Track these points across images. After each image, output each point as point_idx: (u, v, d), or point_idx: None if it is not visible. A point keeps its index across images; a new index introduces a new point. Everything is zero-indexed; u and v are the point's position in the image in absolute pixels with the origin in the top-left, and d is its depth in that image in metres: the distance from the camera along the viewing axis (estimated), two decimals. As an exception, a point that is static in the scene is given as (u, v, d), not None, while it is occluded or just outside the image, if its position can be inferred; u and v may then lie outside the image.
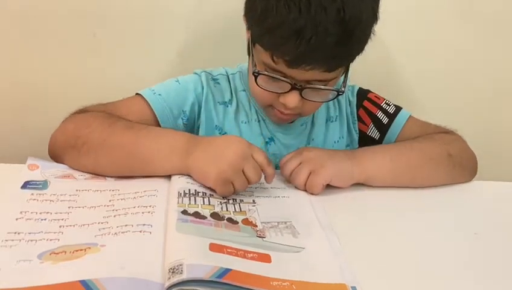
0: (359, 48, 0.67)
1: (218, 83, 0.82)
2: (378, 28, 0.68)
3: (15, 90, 0.97)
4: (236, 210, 0.60)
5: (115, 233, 0.52)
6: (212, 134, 0.79)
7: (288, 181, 0.70)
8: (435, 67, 1.06)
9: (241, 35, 0.75)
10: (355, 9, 0.61)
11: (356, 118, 0.84)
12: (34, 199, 0.58)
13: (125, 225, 0.53)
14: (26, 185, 0.61)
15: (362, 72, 0.82)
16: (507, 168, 1.06)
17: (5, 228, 0.51)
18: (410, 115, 0.83)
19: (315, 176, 0.68)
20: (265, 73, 0.68)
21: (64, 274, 0.44)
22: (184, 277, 0.43)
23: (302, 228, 0.57)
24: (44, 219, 0.54)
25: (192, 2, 0.96)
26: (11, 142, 0.97)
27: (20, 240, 0.49)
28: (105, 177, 0.65)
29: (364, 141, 0.84)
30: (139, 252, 0.48)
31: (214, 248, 0.49)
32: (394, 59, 1.05)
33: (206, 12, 0.96)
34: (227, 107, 0.81)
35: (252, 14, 0.68)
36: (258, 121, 0.81)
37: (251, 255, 0.50)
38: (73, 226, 0.53)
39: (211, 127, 0.79)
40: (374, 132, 0.83)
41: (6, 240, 0.49)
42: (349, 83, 0.84)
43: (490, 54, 1.06)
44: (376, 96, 0.85)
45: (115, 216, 0.55)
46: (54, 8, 0.92)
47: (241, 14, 0.71)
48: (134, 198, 0.60)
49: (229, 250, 0.49)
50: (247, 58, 0.74)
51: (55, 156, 0.69)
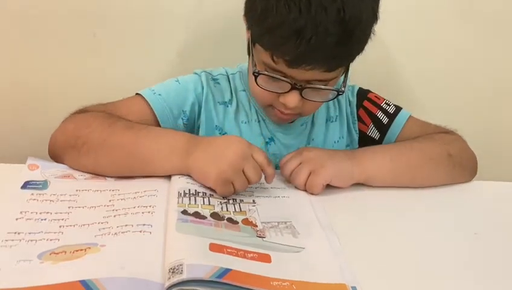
0: (359, 48, 0.67)
1: (218, 83, 0.82)
2: (378, 28, 0.68)
3: (15, 90, 0.97)
4: (237, 210, 0.60)
5: (115, 233, 0.52)
6: (212, 134, 0.79)
7: (288, 181, 0.70)
8: (435, 67, 1.06)
9: (241, 35, 0.75)
10: (355, 9, 0.61)
11: (356, 118, 0.84)
12: (34, 199, 0.58)
13: (125, 225, 0.53)
14: (26, 185, 0.61)
15: (362, 72, 0.82)
16: (507, 168, 1.06)
17: (5, 228, 0.51)
18: (410, 115, 0.83)
19: (315, 176, 0.68)
20: (265, 73, 0.68)
21: (64, 274, 0.44)
22: (184, 277, 0.43)
23: (302, 228, 0.57)
24: (44, 219, 0.54)
25: (192, 2, 0.96)
26: (11, 142, 0.97)
27: (20, 240, 0.49)
28: (105, 177, 0.65)
29: (364, 141, 0.84)
30: (139, 252, 0.48)
31: (214, 248, 0.49)
32: (394, 59, 1.05)
33: (206, 12, 0.96)
34: (227, 107, 0.81)
35: (252, 14, 0.68)
36: (258, 121, 0.81)
37: (251, 255, 0.50)
38: (73, 226, 0.53)
39: (211, 127, 0.79)
40: (374, 132, 0.83)
41: (6, 240, 0.49)
42: (349, 83, 0.84)
43: (490, 53, 1.06)
44: (376, 96, 0.85)
45: (115, 216, 0.55)
46: (54, 8, 0.92)
47: (241, 14, 0.71)
48: (134, 198, 0.60)
49: (229, 250, 0.49)
50: (247, 58, 0.74)
51: (55, 156, 0.69)
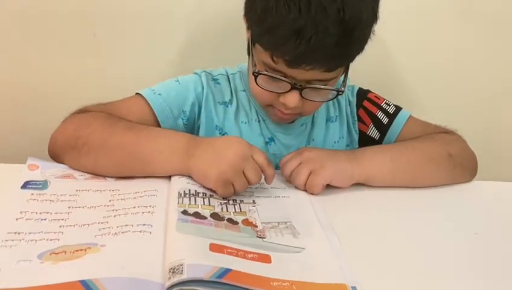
0: (359, 48, 0.67)
1: (219, 83, 0.82)
2: (378, 28, 0.68)
3: (15, 90, 0.97)
4: (237, 211, 0.60)
5: (115, 233, 0.52)
6: (212, 134, 0.79)
7: (288, 181, 0.70)
8: (435, 67, 1.06)
9: (241, 35, 0.75)
10: (355, 9, 0.61)
11: (356, 118, 0.84)
12: (34, 199, 0.58)
13: (125, 225, 0.53)
14: (26, 185, 0.61)
15: (362, 72, 0.82)
16: (507, 168, 1.06)
17: (5, 228, 0.51)
18: (410, 115, 0.83)
19: (315, 176, 0.68)
20: (265, 73, 0.68)
21: (64, 274, 0.44)
22: (184, 277, 0.43)
23: (302, 228, 0.57)
24: (45, 219, 0.54)
25: (192, 2, 0.95)
26: (11, 142, 0.97)
27: (20, 240, 0.49)
28: (105, 177, 0.65)
29: (364, 141, 0.84)
30: (139, 252, 0.48)
31: (214, 248, 0.49)
32: (394, 59, 1.05)
33: (206, 12, 0.96)
34: (227, 107, 0.81)
35: (252, 14, 0.68)
36: (258, 121, 0.81)
37: (251, 255, 0.50)
38: (73, 226, 0.53)
39: (211, 127, 0.79)
40: (374, 132, 0.83)
41: (6, 240, 0.49)
42: (349, 83, 0.84)
43: (490, 53, 1.06)
44: (376, 96, 0.85)
45: (115, 216, 0.55)
46: (54, 8, 0.92)
47: (241, 14, 0.71)
48: (135, 198, 0.60)
49: (229, 250, 0.49)
50: (247, 58, 0.74)
51: (55, 156, 0.69)
